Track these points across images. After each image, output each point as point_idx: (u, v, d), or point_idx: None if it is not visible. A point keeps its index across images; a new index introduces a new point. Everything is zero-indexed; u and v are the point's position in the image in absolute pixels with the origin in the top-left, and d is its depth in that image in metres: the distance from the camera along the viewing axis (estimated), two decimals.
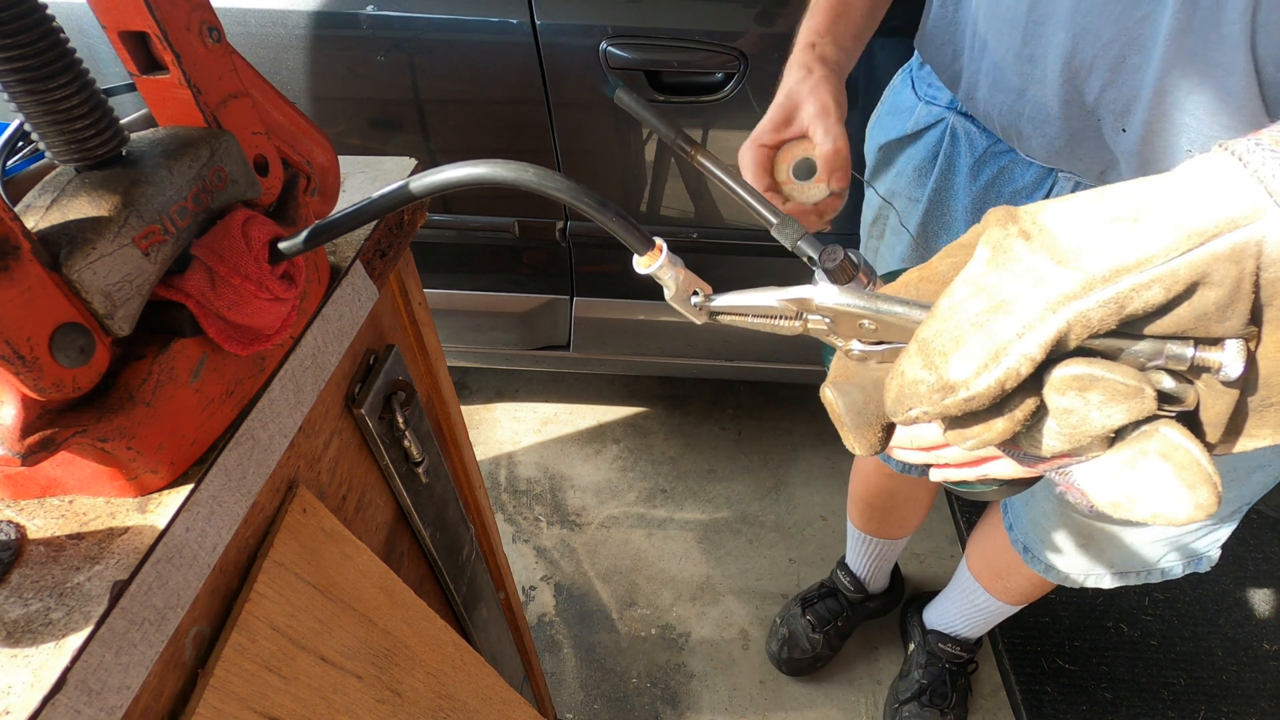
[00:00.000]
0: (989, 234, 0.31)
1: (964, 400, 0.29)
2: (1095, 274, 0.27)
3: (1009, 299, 0.29)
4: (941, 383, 0.30)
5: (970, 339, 0.29)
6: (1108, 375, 0.28)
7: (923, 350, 0.31)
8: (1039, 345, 0.28)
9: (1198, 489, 0.28)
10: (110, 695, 0.32)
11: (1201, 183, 0.27)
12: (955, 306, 0.30)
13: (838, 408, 0.38)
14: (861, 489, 1.40)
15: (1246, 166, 0.27)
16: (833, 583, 1.61)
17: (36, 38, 0.31)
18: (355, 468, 0.57)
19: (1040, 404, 0.30)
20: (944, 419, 0.32)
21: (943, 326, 0.30)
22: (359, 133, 1.36)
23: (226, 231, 0.38)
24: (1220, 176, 0.27)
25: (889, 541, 1.47)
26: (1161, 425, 0.29)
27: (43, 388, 0.30)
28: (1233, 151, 0.27)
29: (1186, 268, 0.26)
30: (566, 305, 1.58)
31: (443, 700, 0.61)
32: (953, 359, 0.29)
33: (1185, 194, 0.28)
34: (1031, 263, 0.29)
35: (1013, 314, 0.28)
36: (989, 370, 0.29)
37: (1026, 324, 0.28)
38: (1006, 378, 0.28)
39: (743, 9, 1.20)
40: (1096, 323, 0.27)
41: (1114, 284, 0.27)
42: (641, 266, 0.37)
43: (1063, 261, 0.28)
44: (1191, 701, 1.49)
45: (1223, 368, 0.28)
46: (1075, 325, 0.28)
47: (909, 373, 0.31)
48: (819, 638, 1.54)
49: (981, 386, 0.29)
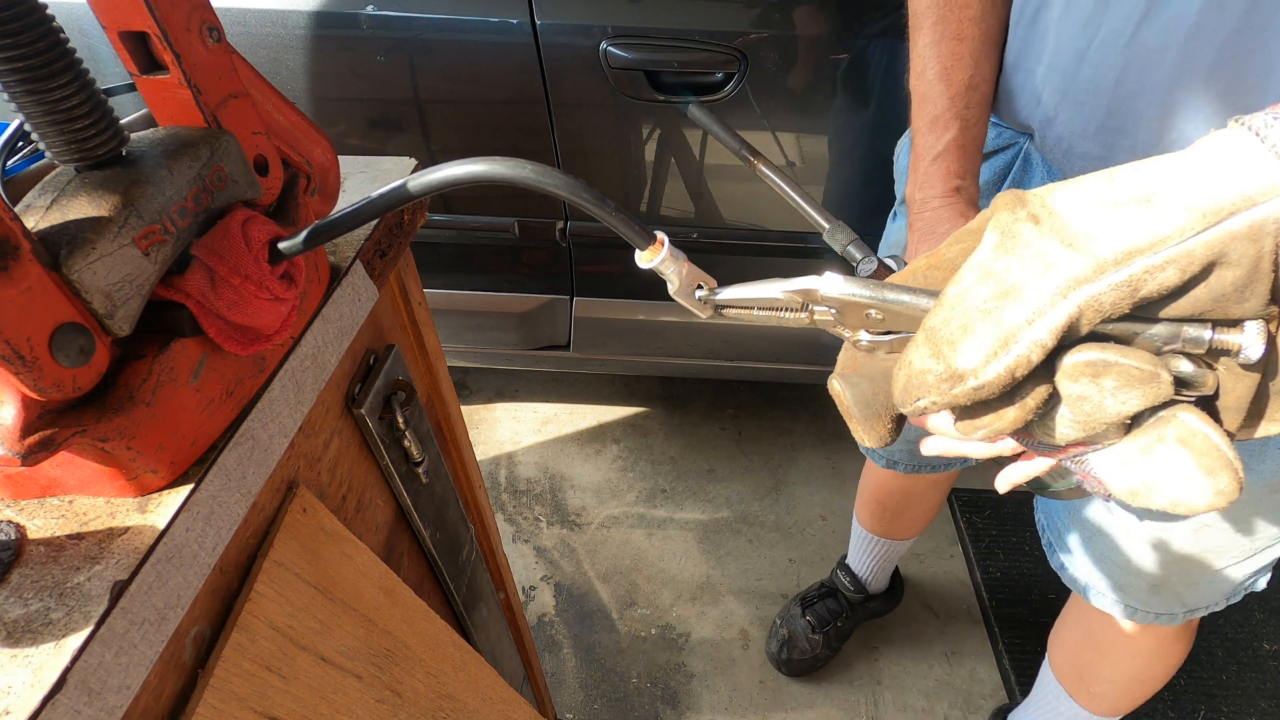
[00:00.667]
0: (997, 218, 0.30)
1: (973, 389, 0.29)
2: (1106, 257, 0.26)
3: (1018, 284, 0.28)
4: (950, 372, 0.29)
5: (979, 326, 0.28)
6: (1122, 360, 0.27)
7: (930, 339, 0.30)
8: (1049, 331, 0.27)
9: (1218, 475, 0.28)
10: (110, 695, 0.32)
11: (1217, 160, 0.27)
12: (963, 294, 0.30)
13: (845, 399, 0.38)
14: (873, 489, 1.37)
15: (1265, 141, 0.26)
16: (832, 583, 1.60)
17: (36, 38, 0.31)
18: (355, 468, 0.57)
19: (1053, 391, 0.29)
20: (954, 409, 0.31)
21: (950, 314, 0.30)
22: (359, 133, 1.36)
23: (226, 231, 0.38)
24: (1236, 152, 0.26)
25: (896, 542, 1.45)
26: (1179, 411, 0.28)
27: (43, 388, 0.30)
28: (1250, 126, 0.26)
29: (1202, 247, 0.25)
30: (566, 305, 1.58)
31: (443, 700, 0.61)
32: (961, 347, 0.29)
33: (1200, 172, 0.27)
34: (1040, 247, 0.28)
35: (1022, 300, 0.28)
36: (998, 358, 0.28)
37: (1036, 310, 0.27)
38: (1017, 365, 0.28)
39: (743, 9, 1.20)
40: (1109, 307, 0.27)
41: (1126, 266, 0.26)
42: (644, 261, 0.36)
43: (1072, 245, 0.27)
44: (1191, 701, 1.49)
45: (1242, 350, 0.27)
46: (1087, 310, 0.27)
47: (916, 362, 0.31)
48: (819, 638, 1.54)
49: (991, 375, 0.28)
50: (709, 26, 1.19)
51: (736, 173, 1.35)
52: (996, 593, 1.68)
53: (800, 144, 1.31)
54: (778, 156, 1.32)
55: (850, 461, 1.97)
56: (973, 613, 1.66)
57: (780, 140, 1.30)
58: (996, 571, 1.71)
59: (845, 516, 1.86)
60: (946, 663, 1.59)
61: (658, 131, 1.31)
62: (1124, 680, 1.07)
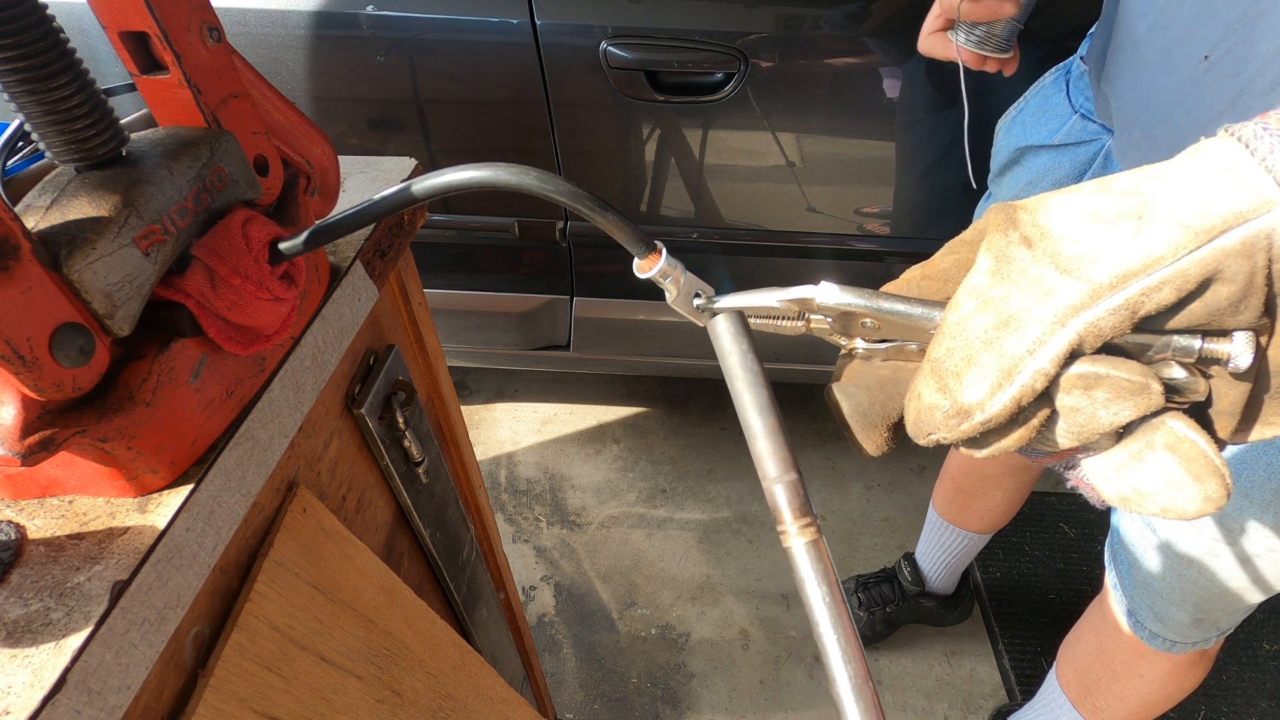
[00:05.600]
0: (989, 241, 0.30)
1: (980, 424, 0.29)
2: (1102, 282, 0.27)
3: (1017, 314, 0.28)
4: (957, 408, 0.29)
5: (981, 358, 0.29)
6: (1113, 373, 0.27)
7: (935, 371, 0.30)
8: (1051, 360, 0.27)
9: (1205, 481, 0.28)
10: (110, 695, 0.32)
11: (1206, 173, 0.27)
12: (963, 322, 0.30)
13: (843, 409, 0.38)
14: (953, 465, 1.36)
15: (1254, 154, 0.26)
16: (894, 570, 1.60)
17: (36, 38, 0.31)
18: (355, 468, 0.57)
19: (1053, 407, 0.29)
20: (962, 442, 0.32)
21: (953, 345, 0.30)
22: (359, 133, 1.36)
23: (226, 231, 0.38)
24: (1226, 165, 0.26)
25: (965, 534, 1.42)
26: (1167, 418, 0.28)
27: (43, 388, 0.30)
28: (1239, 137, 0.26)
29: (1197, 266, 0.26)
30: (566, 305, 1.58)
31: (443, 700, 0.61)
32: (965, 380, 0.29)
33: (1190, 187, 0.27)
34: (1036, 273, 0.28)
35: (1023, 329, 0.28)
36: (1003, 389, 0.28)
37: (1037, 339, 0.27)
38: (1021, 395, 0.28)
39: (743, 9, 1.20)
40: (1109, 330, 0.27)
41: (1123, 290, 0.26)
42: (642, 271, 0.37)
43: (1067, 270, 0.27)
44: (1191, 701, 1.49)
45: (1231, 359, 0.27)
46: (1087, 336, 0.27)
47: (925, 396, 0.31)
48: (863, 615, 1.55)
49: (997, 408, 0.28)
50: (709, 26, 1.19)
51: (736, 173, 1.35)
52: (996, 593, 1.68)
53: (800, 144, 1.31)
54: (778, 157, 1.32)
55: (850, 461, 1.97)
56: (973, 613, 1.66)
57: (780, 140, 1.30)
58: (996, 571, 1.71)
59: (845, 516, 1.86)
60: (946, 663, 1.59)
61: (658, 131, 1.31)
62: (1133, 700, 1.06)
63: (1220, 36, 0.60)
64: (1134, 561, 0.92)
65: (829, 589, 0.33)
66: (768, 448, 0.35)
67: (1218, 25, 0.60)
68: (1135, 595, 0.94)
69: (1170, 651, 0.96)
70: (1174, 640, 0.95)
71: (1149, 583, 0.91)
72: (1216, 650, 1.00)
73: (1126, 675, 1.04)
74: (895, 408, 0.37)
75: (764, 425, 0.35)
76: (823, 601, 0.33)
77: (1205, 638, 0.93)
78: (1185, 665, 0.99)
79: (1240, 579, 0.82)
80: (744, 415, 0.36)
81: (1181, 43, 0.63)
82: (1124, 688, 1.05)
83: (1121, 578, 0.96)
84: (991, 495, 1.34)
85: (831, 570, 0.34)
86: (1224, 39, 0.60)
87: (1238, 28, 0.59)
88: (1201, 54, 0.62)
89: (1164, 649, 0.96)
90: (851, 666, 0.32)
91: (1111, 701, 1.08)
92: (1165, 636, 0.95)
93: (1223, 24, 0.60)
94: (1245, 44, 0.58)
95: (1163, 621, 0.93)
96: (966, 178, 0.99)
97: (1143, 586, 0.92)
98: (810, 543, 0.34)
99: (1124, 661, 1.03)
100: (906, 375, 0.36)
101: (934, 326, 0.32)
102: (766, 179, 1.35)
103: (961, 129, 0.97)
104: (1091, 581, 1.68)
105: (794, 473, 0.35)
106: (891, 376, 0.37)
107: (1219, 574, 0.83)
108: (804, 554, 0.34)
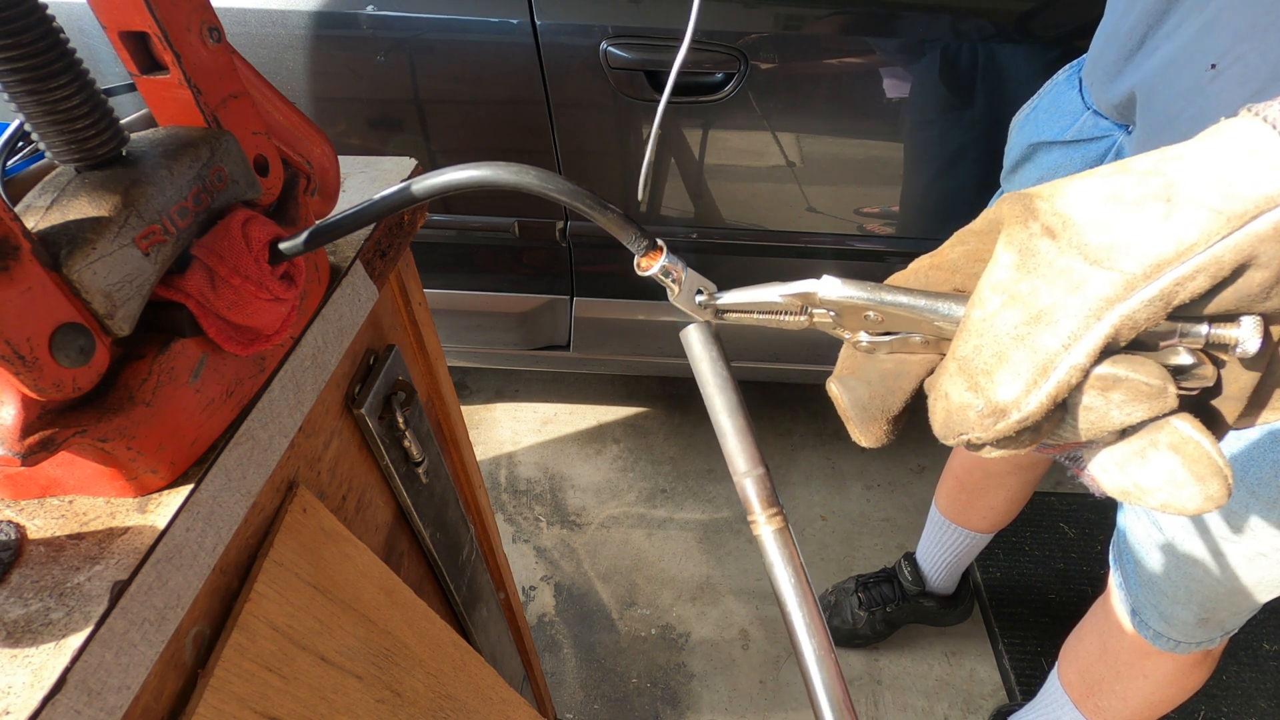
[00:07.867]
0: (1009, 233, 0.29)
1: (1018, 423, 0.28)
2: (1136, 271, 0.26)
3: (1048, 308, 0.27)
4: (992, 407, 0.28)
5: (1013, 354, 0.28)
6: (1132, 375, 0.27)
7: (964, 369, 0.29)
8: (1087, 354, 0.27)
9: (1208, 481, 0.28)
10: (110, 695, 0.32)
11: (1231, 154, 0.26)
12: (990, 318, 0.29)
13: (843, 402, 0.38)
14: (957, 463, 1.36)
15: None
16: (894, 569, 1.60)
17: (36, 38, 0.31)
18: (355, 468, 0.57)
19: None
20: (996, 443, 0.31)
21: (981, 341, 0.29)
22: (359, 133, 1.36)
23: (226, 231, 0.38)
24: (1251, 146, 0.25)
25: (968, 533, 1.42)
26: (1173, 419, 0.28)
27: (43, 388, 0.30)
28: (1265, 117, 0.26)
29: (1231, 252, 0.25)
30: (566, 305, 1.58)
31: (443, 700, 0.61)
32: (998, 377, 0.28)
33: (1215, 168, 0.26)
34: (1064, 264, 0.27)
35: (1056, 324, 0.27)
36: (1039, 386, 0.27)
37: (1071, 334, 0.27)
38: (1058, 392, 0.27)
39: (743, 9, 1.20)
40: (1144, 321, 0.26)
41: (1157, 280, 0.26)
42: (643, 269, 0.37)
43: (1097, 261, 0.27)
44: (1191, 701, 1.48)
45: (1239, 344, 0.27)
46: (1123, 328, 0.26)
47: (954, 395, 0.30)
48: (863, 615, 1.55)
49: (1034, 406, 0.27)
50: (709, 26, 1.19)
51: (736, 173, 1.35)
52: (996, 593, 1.68)
53: (800, 144, 1.31)
54: (778, 157, 1.32)
55: (850, 461, 1.97)
56: (973, 613, 1.66)
57: (780, 140, 1.30)
58: (996, 571, 1.71)
59: (845, 517, 1.86)
60: (946, 663, 1.59)
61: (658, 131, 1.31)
62: (1136, 701, 1.06)
63: (1229, 45, 0.60)
64: (1139, 560, 0.91)
65: (794, 571, 0.36)
66: (738, 445, 0.38)
67: (1225, 34, 0.60)
68: (1140, 595, 0.94)
69: (1175, 652, 0.96)
70: (1178, 640, 0.94)
71: (1154, 582, 0.90)
72: (1220, 650, 0.99)
73: (1130, 675, 1.04)
74: (895, 401, 0.37)
75: (734, 425, 0.39)
76: (789, 583, 0.36)
77: (1210, 638, 0.93)
78: (1189, 665, 0.99)
79: (1247, 577, 0.82)
80: (715, 417, 0.39)
81: (1185, 51, 0.63)
82: (1127, 688, 1.05)
83: (1126, 577, 0.96)
84: (995, 494, 1.34)
85: (797, 555, 0.37)
86: (1233, 47, 0.60)
87: (1247, 36, 0.58)
88: (1208, 63, 0.62)
89: (1168, 649, 0.96)
90: (815, 640, 0.35)
91: (1114, 702, 1.08)
92: (1170, 636, 0.94)
93: (1231, 33, 0.60)
94: (1256, 52, 0.58)
95: (1167, 621, 0.92)
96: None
97: (1148, 586, 0.92)
98: (777, 530, 0.37)
99: (1128, 661, 1.03)
100: (909, 368, 0.36)
101: (938, 319, 0.32)
102: (766, 179, 1.35)
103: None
104: (1092, 581, 1.68)
105: (762, 467, 0.38)
106: (894, 370, 0.36)
107: (1225, 573, 0.82)
108: (772, 541, 0.37)
